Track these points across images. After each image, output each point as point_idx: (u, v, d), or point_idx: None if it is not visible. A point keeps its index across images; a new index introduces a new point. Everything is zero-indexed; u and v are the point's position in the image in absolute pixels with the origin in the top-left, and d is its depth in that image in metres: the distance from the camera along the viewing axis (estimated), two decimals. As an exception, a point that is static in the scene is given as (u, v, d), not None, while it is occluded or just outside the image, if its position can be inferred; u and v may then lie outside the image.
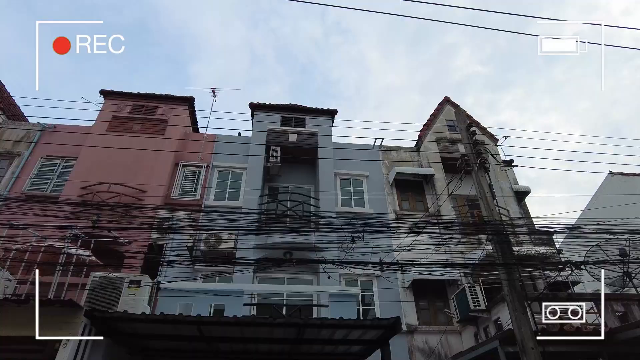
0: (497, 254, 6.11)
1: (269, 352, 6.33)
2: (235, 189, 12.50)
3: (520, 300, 5.65)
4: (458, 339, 10.58)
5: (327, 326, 4.83)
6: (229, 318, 4.49)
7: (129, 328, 5.04)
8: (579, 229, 7.54)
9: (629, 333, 6.47)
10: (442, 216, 11.78)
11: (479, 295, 9.56)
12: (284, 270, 10.37)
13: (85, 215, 9.64)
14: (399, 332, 4.95)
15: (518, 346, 5.41)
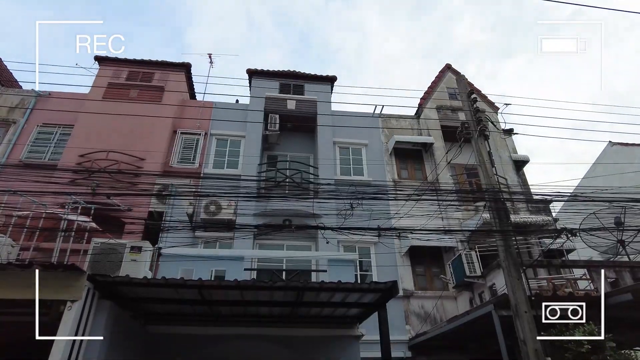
0: (494, 221, 6.17)
1: (269, 314, 6.50)
2: (233, 157, 12.47)
3: (516, 266, 5.76)
4: (453, 304, 10.87)
5: (325, 289, 4.94)
6: (229, 282, 4.58)
7: (131, 292, 5.14)
8: (576, 196, 7.58)
9: (618, 298, 6.64)
10: (440, 183, 11.83)
11: (474, 262, 9.74)
12: (283, 236, 10.51)
13: (85, 182, 9.66)
14: (395, 296, 5.07)
15: (512, 310, 5.56)
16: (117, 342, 5.17)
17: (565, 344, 5.36)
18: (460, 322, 7.63)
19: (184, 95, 13.98)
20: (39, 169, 9.79)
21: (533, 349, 5.12)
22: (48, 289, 4.55)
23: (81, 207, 8.73)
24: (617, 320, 7.39)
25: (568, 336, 5.44)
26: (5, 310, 6.03)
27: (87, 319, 4.68)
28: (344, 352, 6.69)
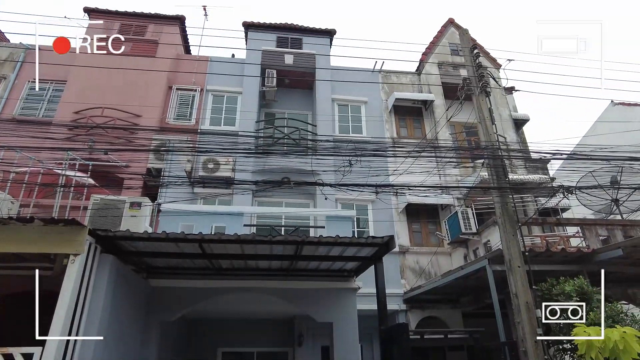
0: (492, 178, 6.20)
1: (269, 268, 6.66)
2: (230, 115, 12.31)
3: (511, 222, 5.85)
4: (448, 260, 11.16)
5: (324, 243, 5.03)
6: (229, 235, 4.65)
7: (132, 246, 5.23)
8: (574, 154, 7.58)
9: (609, 254, 6.81)
10: (439, 139, 11.79)
11: (470, 219, 9.90)
12: (282, 194, 10.59)
13: (81, 139, 9.57)
14: (391, 250, 5.18)
15: (506, 265, 5.71)
16: (121, 295, 5.31)
17: (555, 297, 5.54)
18: (454, 276, 7.85)
19: (178, 49, 13.57)
20: (33, 125, 9.66)
21: (524, 302, 5.31)
22: (50, 243, 4.61)
23: (79, 164, 8.71)
24: (605, 275, 7.64)
25: (559, 290, 5.63)
26: (10, 264, 6.17)
27: (90, 273, 4.78)
28: (340, 304, 6.92)
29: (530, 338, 5.08)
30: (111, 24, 12.65)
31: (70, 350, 4.26)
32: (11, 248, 4.59)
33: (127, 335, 5.65)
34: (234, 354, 10.40)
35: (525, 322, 5.18)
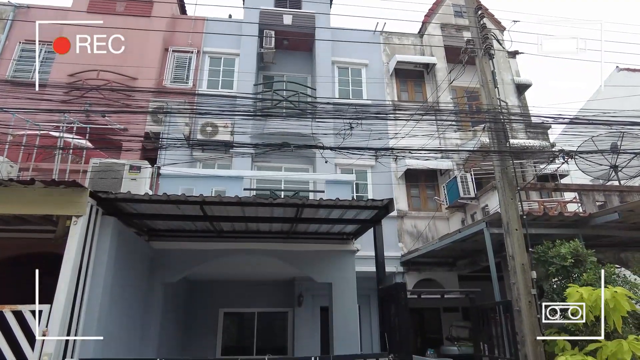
0: (493, 142, 6.18)
1: (269, 231, 6.76)
2: (228, 78, 12.08)
3: (510, 186, 5.88)
4: (445, 224, 11.30)
5: (324, 206, 5.07)
6: (230, 197, 4.68)
7: (132, 209, 5.26)
8: (576, 118, 7.52)
9: (605, 217, 6.89)
10: (440, 103, 11.66)
11: (469, 184, 9.94)
12: (281, 159, 10.57)
13: (78, 102, 9.41)
14: (391, 212, 5.23)
15: (503, 228, 5.78)
16: (124, 256, 5.40)
17: (551, 259, 5.66)
18: (452, 239, 7.97)
19: (174, 9, 13.13)
20: (27, 87, 9.48)
21: (520, 263, 5.42)
22: (52, 205, 4.63)
23: (76, 128, 8.62)
24: (599, 239, 7.78)
25: (554, 253, 5.74)
26: (13, 227, 6.23)
27: (92, 234, 4.83)
28: (340, 266, 7.07)
29: (525, 298, 5.22)
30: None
31: (77, 308, 4.38)
32: (13, 210, 4.61)
33: (131, 295, 5.80)
34: (235, 314, 10.73)
35: (520, 282, 5.31)
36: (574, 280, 5.31)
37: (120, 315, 5.30)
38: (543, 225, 7.03)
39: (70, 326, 4.19)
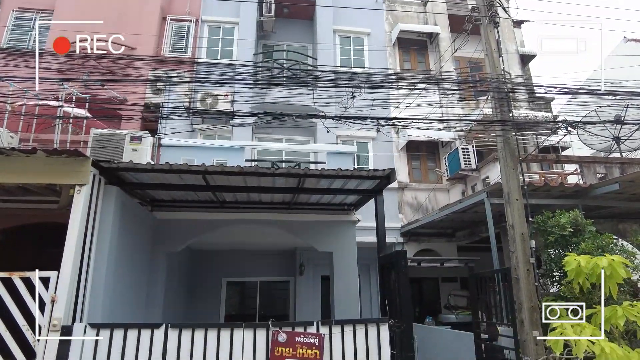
0: (495, 112, 6.13)
1: (271, 201, 6.80)
2: (227, 47, 11.85)
3: (512, 156, 5.87)
4: (446, 196, 11.36)
5: (326, 176, 5.09)
6: (232, 167, 4.68)
7: (135, 178, 5.28)
8: (582, 88, 7.42)
9: (605, 188, 6.92)
10: (444, 71, 11.49)
11: (470, 155, 9.93)
12: (282, 130, 10.51)
13: (76, 73, 9.27)
14: (393, 182, 5.25)
15: (504, 198, 5.81)
16: (127, 225, 5.46)
17: (550, 229, 5.72)
18: (452, 209, 8.03)
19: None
20: (24, 56, 9.32)
21: (520, 233, 5.48)
22: (54, 174, 4.64)
23: (75, 98, 8.53)
24: (598, 210, 7.85)
25: (554, 223, 5.80)
26: (17, 197, 6.27)
27: (96, 204, 4.87)
28: (341, 235, 7.17)
29: (523, 266, 5.31)
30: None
31: (84, 276, 4.46)
32: (15, 179, 4.63)
33: (136, 263, 5.90)
34: (238, 283, 10.95)
35: (519, 251, 5.39)
36: (572, 249, 5.38)
37: (125, 282, 5.41)
38: (543, 196, 7.08)
39: (77, 293, 4.29)
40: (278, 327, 3.85)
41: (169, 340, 3.83)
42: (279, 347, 3.77)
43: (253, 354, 3.82)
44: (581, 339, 4.14)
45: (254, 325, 3.93)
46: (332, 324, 4.00)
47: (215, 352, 3.81)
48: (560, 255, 5.44)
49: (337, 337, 3.93)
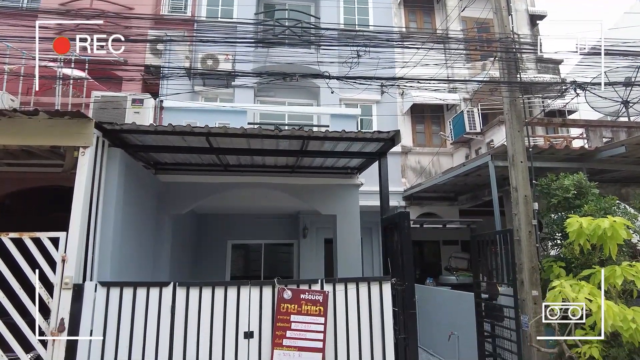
0: (502, 71, 6.00)
1: (275, 165, 6.81)
2: (227, 7, 11.49)
3: (518, 118, 5.79)
4: (449, 160, 11.32)
5: (329, 138, 5.06)
6: (236, 129, 4.65)
7: (138, 140, 5.26)
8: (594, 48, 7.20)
9: (611, 151, 6.86)
10: (450, 31, 11.17)
11: (475, 118, 9.82)
12: (285, 93, 10.36)
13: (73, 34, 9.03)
14: (397, 144, 5.22)
15: (508, 160, 5.78)
16: (132, 188, 5.49)
17: (553, 191, 5.72)
18: (456, 173, 8.02)
19: None
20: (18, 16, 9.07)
21: (523, 195, 5.49)
22: (57, 136, 4.62)
23: (75, 59, 8.37)
24: (601, 174, 7.82)
25: (557, 185, 5.79)
26: (21, 161, 6.29)
27: (101, 166, 4.88)
28: (344, 198, 7.22)
29: (525, 228, 5.36)
30: None
31: (92, 236, 4.54)
32: (18, 141, 4.61)
33: (142, 225, 5.99)
34: (242, 246, 11.17)
35: (522, 213, 5.42)
36: (575, 212, 5.41)
37: (133, 244, 5.51)
38: (548, 159, 7.04)
39: (86, 253, 4.38)
40: (283, 285, 3.95)
41: (177, 298, 3.94)
42: (285, 304, 3.88)
43: (259, 310, 3.94)
44: (579, 297, 4.23)
45: (260, 283, 4.03)
46: (336, 282, 4.09)
47: (223, 309, 3.93)
48: (563, 219, 5.47)
49: (341, 295, 4.04)
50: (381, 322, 4.05)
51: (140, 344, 3.79)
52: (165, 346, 3.80)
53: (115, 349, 3.76)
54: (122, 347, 3.78)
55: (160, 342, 3.81)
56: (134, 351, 3.76)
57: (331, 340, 3.94)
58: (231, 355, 3.83)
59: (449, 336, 7.14)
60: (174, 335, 3.82)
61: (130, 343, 3.79)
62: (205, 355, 3.81)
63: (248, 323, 3.91)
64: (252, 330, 3.89)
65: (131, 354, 3.75)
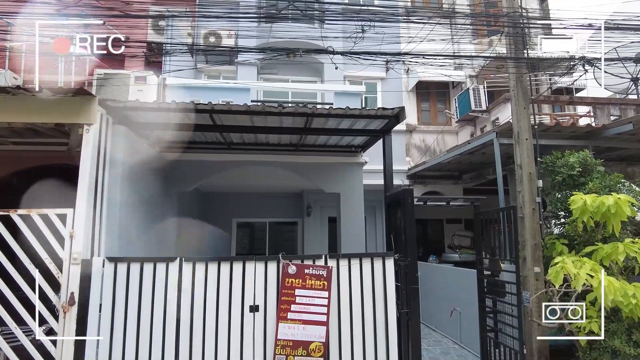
0: (509, 47, 5.89)
1: (278, 143, 6.80)
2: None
3: (525, 95, 5.72)
4: (454, 138, 11.26)
5: (333, 115, 5.04)
6: (239, 105, 4.63)
7: (142, 118, 5.26)
8: (607, 21, 7.02)
9: (619, 128, 6.79)
10: (457, 4, 10.93)
11: (481, 96, 9.70)
12: (288, 70, 10.25)
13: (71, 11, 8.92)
14: (402, 121, 5.19)
15: (514, 138, 5.74)
16: (137, 166, 5.53)
17: (558, 168, 5.70)
18: (460, 151, 7.98)
19: None
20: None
21: (527, 172, 5.48)
22: (61, 113, 4.63)
23: (75, 37, 8.29)
24: (607, 152, 7.75)
25: (562, 162, 5.76)
26: (27, 140, 6.33)
27: (105, 143, 4.90)
28: (348, 177, 7.24)
29: (529, 205, 5.37)
30: None
31: (98, 213, 4.60)
32: (22, 119, 4.62)
33: (148, 202, 6.05)
34: (247, 224, 11.28)
35: (526, 191, 5.42)
36: (580, 190, 5.39)
37: (139, 220, 5.59)
38: (554, 136, 6.99)
39: (93, 229, 4.44)
40: (288, 260, 4.01)
41: (183, 273, 4.01)
42: (289, 279, 3.95)
43: (264, 285, 4.01)
44: (580, 273, 4.27)
45: (264, 259, 4.09)
46: (340, 258, 4.15)
47: (229, 284, 4.01)
48: (566, 197, 5.47)
49: (344, 270, 4.10)
50: (384, 297, 4.12)
51: (148, 318, 3.88)
52: (172, 319, 3.89)
53: (124, 322, 3.86)
54: (130, 320, 3.88)
55: (167, 315, 3.90)
56: (142, 324, 3.86)
57: (335, 314, 4.02)
58: (237, 328, 3.92)
59: (451, 312, 7.26)
60: (180, 309, 3.91)
61: (138, 316, 3.88)
62: (211, 328, 3.91)
63: (253, 297, 3.98)
64: (257, 304, 3.97)
65: (139, 327, 3.85)
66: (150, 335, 3.84)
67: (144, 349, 3.82)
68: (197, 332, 3.89)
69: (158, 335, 3.85)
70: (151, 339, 3.84)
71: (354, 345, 4.00)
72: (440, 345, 7.20)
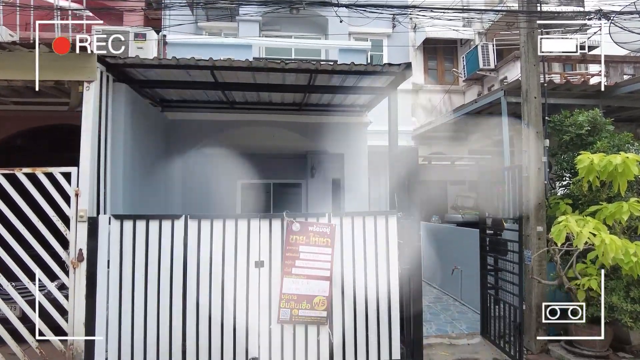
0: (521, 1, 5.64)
1: (282, 102, 6.69)
2: None
3: (535, 51, 5.52)
4: (461, 98, 11.04)
5: (338, 71, 4.91)
6: (241, 61, 4.51)
7: (142, 75, 5.16)
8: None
9: (632, 86, 6.61)
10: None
11: (490, 54, 9.42)
12: (291, 27, 9.93)
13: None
14: (408, 78, 5.04)
15: (522, 96, 5.59)
16: (139, 125, 5.48)
17: (566, 127, 5.59)
18: (467, 110, 7.83)
19: None
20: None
21: (535, 132, 5.38)
22: (60, 70, 4.54)
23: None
24: (617, 112, 7.58)
25: (571, 121, 5.65)
26: (27, 99, 6.26)
27: (107, 102, 4.83)
28: (352, 137, 7.16)
29: (535, 165, 5.31)
30: None
31: (102, 171, 4.61)
32: (20, 76, 4.53)
33: (151, 162, 6.06)
34: (251, 185, 11.32)
35: (532, 149, 5.34)
36: (587, 149, 5.31)
37: (143, 179, 5.61)
38: (563, 95, 6.82)
39: (98, 188, 4.47)
40: (292, 218, 4.04)
41: (189, 230, 4.05)
42: (294, 236, 3.99)
43: (269, 241, 4.06)
44: (583, 231, 4.28)
45: (269, 216, 4.12)
46: (343, 216, 4.17)
47: (234, 241, 4.06)
48: (572, 158, 5.40)
49: (348, 227, 4.13)
50: (386, 253, 4.17)
51: (155, 273, 3.96)
52: (179, 275, 3.98)
53: (132, 278, 3.95)
54: (138, 276, 3.96)
55: (174, 272, 3.98)
56: (150, 280, 3.95)
57: (338, 270, 4.09)
58: (243, 283, 4.01)
59: (452, 270, 7.39)
60: (187, 265, 3.98)
61: (145, 272, 3.96)
62: (217, 284, 4.00)
63: (259, 253, 4.05)
64: (262, 259, 4.04)
65: (147, 282, 3.94)
66: (157, 291, 3.94)
67: (152, 304, 3.93)
68: (204, 286, 3.98)
69: (165, 291, 3.95)
70: (159, 295, 3.94)
71: (356, 300, 4.10)
72: (440, 302, 7.39)
